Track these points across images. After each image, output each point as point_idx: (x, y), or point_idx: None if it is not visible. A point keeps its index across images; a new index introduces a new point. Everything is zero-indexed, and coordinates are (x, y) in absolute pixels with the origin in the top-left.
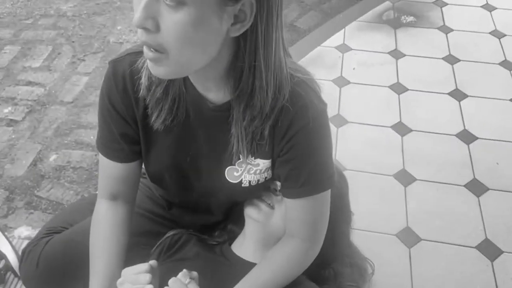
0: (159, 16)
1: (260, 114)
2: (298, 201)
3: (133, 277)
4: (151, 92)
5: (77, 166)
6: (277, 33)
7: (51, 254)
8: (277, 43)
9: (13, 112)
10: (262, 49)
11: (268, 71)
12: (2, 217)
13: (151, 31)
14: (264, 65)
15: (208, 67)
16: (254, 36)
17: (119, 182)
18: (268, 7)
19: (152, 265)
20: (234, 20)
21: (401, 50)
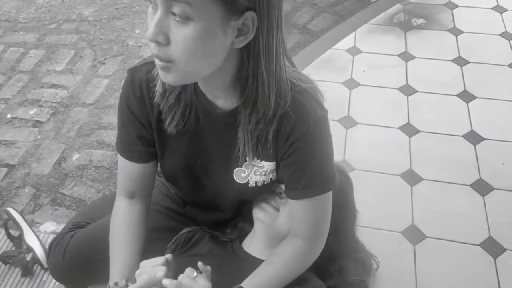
0: (169, 31)
1: (263, 118)
2: (301, 202)
3: (150, 269)
4: (165, 99)
5: (99, 165)
6: (278, 43)
7: (75, 247)
8: (277, 52)
9: (38, 113)
10: (264, 59)
11: (270, 78)
12: (29, 213)
13: (162, 44)
14: (266, 73)
15: (215, 77)
16: (257, 47)
17: (136, 181)
18: (269, 20)
19: (168, 259)
20: (238, 33)
21: (411, 52)
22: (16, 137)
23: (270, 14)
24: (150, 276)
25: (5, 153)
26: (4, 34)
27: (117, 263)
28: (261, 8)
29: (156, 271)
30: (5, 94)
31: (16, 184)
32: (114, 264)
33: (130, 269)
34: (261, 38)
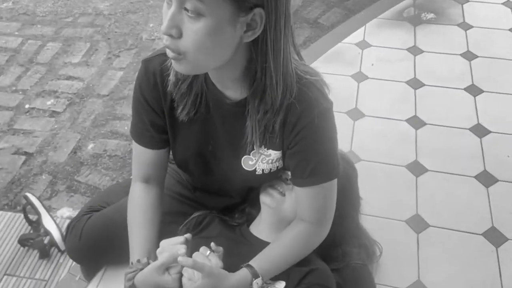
0: (182, 25)
1: (271, 109)
2: (306, 189)
3: (171, 247)
4: (177, 87)
5: (113, 154)
6: (285, 39)
7: (91, 229)
8: (285, 47)
9: (55, 104)
10: (271, 53)
11: (277, 72)
12: (46, 199)
13: (175, 37)
14: (274, 66)
15: (225, 69)
16: (265, 42)
17: (150, 166)
18: (276, 16)
19: (187, 238)
20: (247, 28)
21: (419, 46)
22: (34, 127)
23: (278, 11)
24: (172, 253)
25: (23, 141)
26: (23, 27)
27: (136, 243)
28: (269, 5)
29: (177, 249)
30: (24, 85)
31: (34, 171)
32: (133, 244)
33: (149, 248)
34: (269, 34)
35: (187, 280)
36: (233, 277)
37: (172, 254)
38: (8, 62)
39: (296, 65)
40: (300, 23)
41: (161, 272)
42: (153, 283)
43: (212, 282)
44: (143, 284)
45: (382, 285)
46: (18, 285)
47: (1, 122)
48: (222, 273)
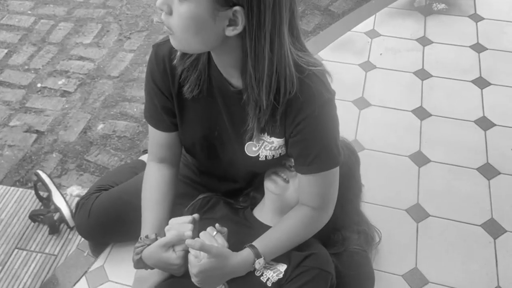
0: (172, 4)
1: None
2: (308, 176)
3: (178, 226)
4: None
5: (122, 135)
6: (275, 38)
7: (99, 207)
8: (272, 47)
9: (66, 84)
10: (251, 55)
11: (257, 74)
12: (57, 177)
13: (167, 13)
14: (252, 66)
15: (223, 56)
16: (247, 41)
17: (164, 148)
18: (260, 19)
19: (195, 218)
20: (229, 23)
21: (429, 37)
22: (46, 106)
23: (261, 12)
24: (178, 232)
25: (35, 120)
26: (36, 6)
27: (147, 219)
28: (250, 7)
29: (184, 229)
30: (36, 64)
31: (44, 150)
32: (145, 220)
33: (159, 225)
34: (249, 34)
35: (194, 258)
36: (236, 256)
37: (178, 233)
38: (20, 41)
39: (299, 57)
40: (311, 10)
41: (167, 249)
42: (159, 258)
43: (217, 261)
44: (149, 259)
45: (380, 271)
46: (28, 258)
47: (13, 100)
48: (227, 253)
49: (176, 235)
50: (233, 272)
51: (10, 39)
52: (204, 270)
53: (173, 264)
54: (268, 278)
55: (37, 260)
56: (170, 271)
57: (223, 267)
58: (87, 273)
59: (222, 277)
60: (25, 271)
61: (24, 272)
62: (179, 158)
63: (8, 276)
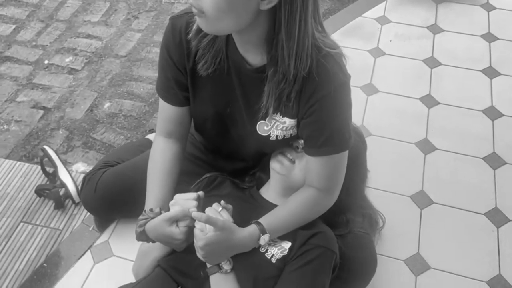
0: None
1: (284, 80)
2: (317, 158)
3: (183, 201)
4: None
5: (128, 115)
6: (303, 12)
7: (106, 182)
8: (301, 20)
9: (73, 61)
10: (285, 25)
11: (290, 44)
12: (62, 154)
13: None
14: (286, 38)
15: (248, 33)
16: (281, 13)
17: (173, 122)
18: None
19: (200, 195)
20: None
21: (440, 25)
22: (53, 82)
23: None
24: (183, 208)
25: (41, 96)
26: None
27: (152, 193)
28: None
29: (189, 205)
30: (43, 41)
31: (51, 126)
32: (149, 193)
33: (164, 199)
34: (283, 7)
35: (199, 231)
36: (242, 232)
37: (183, 209)
38: (28, 17)
39: (317, 36)
40: None
41: (170, 223)
42: (162, 232)
43: (223, 235)
44: (152, 232)
45: (382, 255)
46: (34, 232)
47: (20, 75)
48: (233, 227)
49: (181, 211)
50: (238, 246)
51: (18, 15)
52: (210, 243)
53: (175, 239)
54: (272, 255)
55: (42, 234)
56: (172, 245)
57: (229, 241)
58: (92, 247)
59: (227, 252)
60: (30, 244)
61: (30, 245)
62: (187, 134)
63: (13, 249)
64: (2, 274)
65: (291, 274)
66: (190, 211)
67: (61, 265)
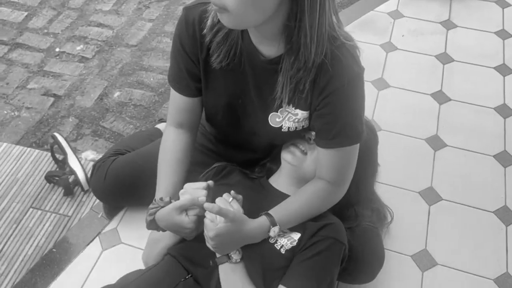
0: None
1: (304, 67)
2: (329, 150)
3: (192, 190)
4: (212, 34)
5: (137, 104)
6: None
7: (115, 170)
8: (322, 7)
9: (84, 50)
10: (308, 12)
11: (312, 31)
12: (72, 141)
13: None
14: (309, 25)
15: (265, 25)
16: (303, 1)
17: (184, 113)
18: None
19: (210, 184)
20: None
21: (453, 21)
22: (64, 70)
23: None
24: (192, 197)
25: (52, 84)
26: None
27: (162, 182)
28: None
29: (198, 194)
30: (55, 29)
31: (61, 114)
32: (160, 182)
33: (174, 188)
34: None
35: (210, 222)
36: (252, 223)
37: (192, 198)
38: (40, 4)
39: (333, 27)
40: None
41: (180, 212)
42: (171, 221)
43: (233, 226)
44: (162, 221)
45: (389, 250)
46: (43, 218)
47: (32, 62)
48: (243, 219)
49: (190, 200)
50: (248, 237)
51: (30, 2)
52: (221, 234)
53: (185, 227)
54: (282, 245)
55: (51, 220)
56: (181, 234)
57: (239, 232)
58: (100, 234)
59: (237, 242)
60: (39, 229)
61: (39, 230)
62: (198, 124)
63: (22, 233)
64: (11, 259)
65: (300, 264)
66: (199, 200)
67: (70, 250)
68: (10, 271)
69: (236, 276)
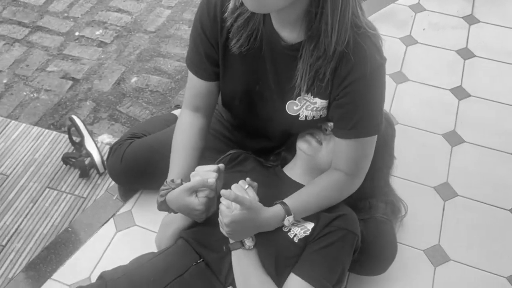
0: None
1: (324, 55)
2: (346, 141)
3: (203, 172)
4: (234, 18)
5: (154, 90)
6: None
7: (132, 153)
8: None
9: (103, 35)
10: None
11: (333, 18)
12: (89, 124)
13: None
14: (331, 12)
15: (287, 9)
16: None
17: (201, 97)
18: None
19: (220, 168)
20: None
21: (476, 16)
22: (82, 54)
23: None
24: (203, 179)
25: (71, 67)
26: None
27: (175, 164)
28: None
29: (209, 176)
30: (75, 13)
31: (79, 97)
32: (172, 164)
33: (186, 171)
34: None
35: (225, 208)
36: (267, 211)
37: (202, 180)
38: None
39: (356, 15)
40: None
41: (190, 194)
42: (182, 202)
43: (249, 214)
44: (173, 202)
45: (402, 243)
46: (59, 198)
47: (51, 46)
48: (259, 207)
49: (199, 181)
50: (262, 226)
51: None
52: (236, 221)
53: (195, 209)
54: (295, 234)
55: (67, 200)
56: (192, 216)
57: (254, 220)
58: (115, 216)
59: (251, 230)
60: (55, 209)
61: (54, 210)
62: (213, 109)
63: (39, 212)
64: (27, 236)
65: (312, 254)
66: (208, 182)
67: (85, 230)
68: (26, 248)
69: (249, 262)
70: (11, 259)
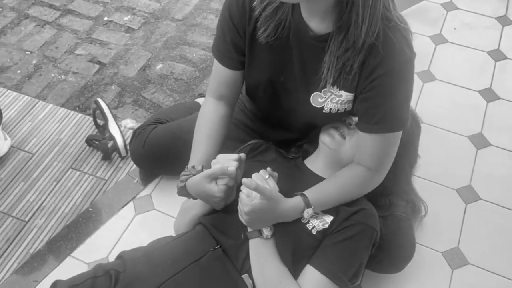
0: None
1: (352, 47)
2: (370, 135)
3: (224, 160)
4: (263, 7)
5: (179, 78)
6: None
7: (154, 138)
8: None
9: (131, 21)
10: None
11: (365, 10)
12: (114, 108)
13: None
14: (362, 5)
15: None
16: None
17: (225, 85)
18: None
19: (241, 157)
20: None
21: (510, 17)
22: (110, 39)
23: None
24: (223, 166)
25: (99, 51)
26: None
27: (197, 152)
28: None
29: (229, 164)
30: None
31: (105, 81)
32: (194, 151)
33: (207, 158)
34: None
35: (245, 197)
36: (287, 202)
37: (222, 167)
38: None
39: (387, 8)
40: None
41: (209, 181)
42: (201, 189)
43: (269, 204)
44: (193, 188)
45: (420, 244)
46: (81, 179)
47: (80, 29)
48: (279, 197)
49: (220, 169)
50: (281, 216)
51: None
52: (255, 210)
53: (214, 196)
54: (313, 226)
55: (88, 181)
56: (210, 203)
57: (274, 210)
58: (134, 199)
59: (270, 220)
60: (77, 190)
61: (76, 190)
62: (237, 98)
63: (61, 192)
64: (49, 214)
65: (330, 247)
66: (229, 170)
67: (105, 211)
68: (48, 225)
69: (266, 251)
70: (33, 234)
